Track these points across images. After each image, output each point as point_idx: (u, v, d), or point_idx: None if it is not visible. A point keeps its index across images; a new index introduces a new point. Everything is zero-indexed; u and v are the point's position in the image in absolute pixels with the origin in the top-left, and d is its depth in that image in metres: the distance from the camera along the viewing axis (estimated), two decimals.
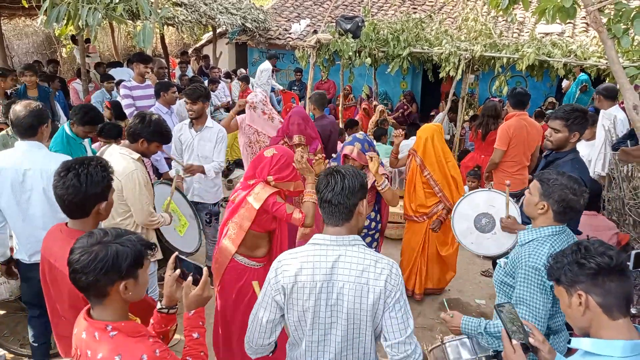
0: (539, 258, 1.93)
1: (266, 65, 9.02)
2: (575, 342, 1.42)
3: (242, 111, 4.55)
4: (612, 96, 4.64)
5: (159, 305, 1.72)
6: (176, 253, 1.72)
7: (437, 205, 3.99)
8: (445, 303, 2.44)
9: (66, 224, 1.96)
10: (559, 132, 2.89)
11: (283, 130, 3.92)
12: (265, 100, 4.44)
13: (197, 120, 4.02)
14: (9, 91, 5.72)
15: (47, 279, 1.96)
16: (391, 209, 5.44)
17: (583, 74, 7.28)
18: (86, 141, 3.90)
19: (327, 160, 3.21)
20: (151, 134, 2.97)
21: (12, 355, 3.32)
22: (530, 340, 1.58)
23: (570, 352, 1.62)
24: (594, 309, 1.37)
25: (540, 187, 2.04)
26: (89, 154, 3.88)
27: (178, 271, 1.66)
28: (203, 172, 3.99)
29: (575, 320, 1.44)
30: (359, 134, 3.43)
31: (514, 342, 1.54)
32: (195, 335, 1.68)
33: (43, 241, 2.00)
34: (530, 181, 3.39)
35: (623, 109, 4.34)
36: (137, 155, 2.97)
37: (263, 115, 4.36)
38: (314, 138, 3.93)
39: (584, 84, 7.58)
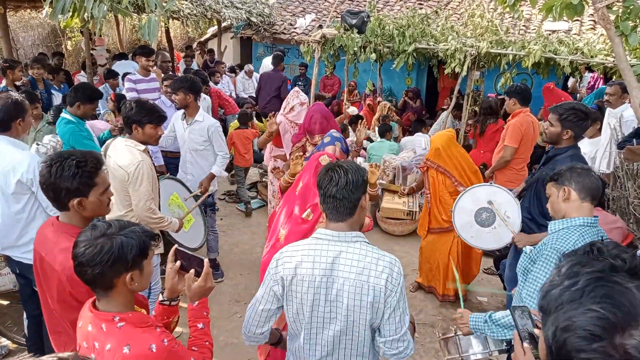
0: (565, 243, 1.94)
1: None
2: None
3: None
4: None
5: (161, 298, 1.73)
6: (175, 246, 1.73)
7: None
8: (461, 298, 2.43)
9: (57, 217, 1.96)
10: (552, 126, 2.95)
11: (304, 127, 3.91)
12: (306, 97, 4.48)
13: (187, 111, 3.98)
14: (18, 83, 5.73)
15: (39, 272, 1.96)
16: (393, 205, 5.46)
17: (604, 86, 7.03)
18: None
19: (304, 156, 3.24)
20: (139, 115, 2.94)
21: (15, 345, 3.34)
22: (536, 331, 1.59)
23: None
24: None
25: (553, 182, 2.12)
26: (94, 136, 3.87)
27: (178, 263, 1.68)
28: (213, 177, 4.03)
29: None
30: (335, 132, 3.42)
31: (525, 345, 1.54)
32: (200, 325, 1.70)
33: (36, 234, 2.01)
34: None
35: None
36: (142, 147, 2.97)
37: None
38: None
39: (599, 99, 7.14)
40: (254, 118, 7.13)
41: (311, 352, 1.79)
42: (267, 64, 9.18)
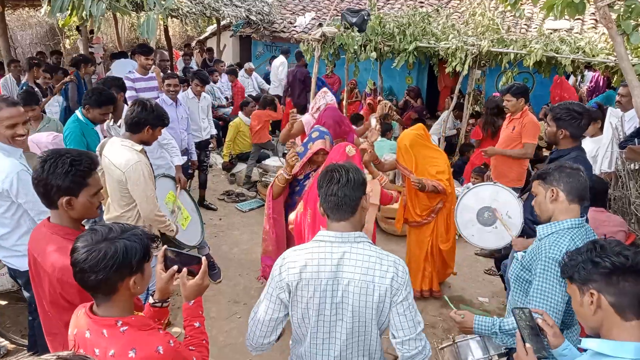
0: (559, 250, 1.91)
1: (281, 59, 9.13)
2: (586, 343, 1.39)
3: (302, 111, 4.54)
4: None
5: (151, 300, 1.69)
6: (165, 247, 1.68)
7: (440, 201, 3.96)
8: (447, 299, 2.40)
9: (49, 219, 1.94)
10: (549, 126, 2.97)
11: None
12: (334, 99, 4.49)
13: (115, 114, 3.95)
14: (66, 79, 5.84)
15: (34, 274, 1.94)
16: (393, 205, 5.42)
17: (610, 90, 6.95)
18: (98, 128, 3.85)
19: (296, 156, 3.22)
20: (156, 119, 2.94)
21: (13, 346, 3.32)
22: (539, 321, 1.58)
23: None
24: (606, 308, 1.35)
25: (540, 181, 2.09)
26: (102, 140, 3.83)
27: (176, 267, 1.64)
28: (181, 168, 4.12)
29: (586, 320, 1.42)
30: (321, 127, 3.43)
31: (527, 345, 1.53)
32: (196, 324, 1.69)
33: (30, 236, 1.98)
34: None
35: None
36: (139, 147, 2.94)
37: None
38: (349, 132, 3.95)
39: (606, 106, 7.17)
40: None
41: (318, 357, 1.76)
42: (277, 64, 9.27)
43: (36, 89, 5.89)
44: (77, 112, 3.63)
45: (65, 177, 1.81)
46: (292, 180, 3.28)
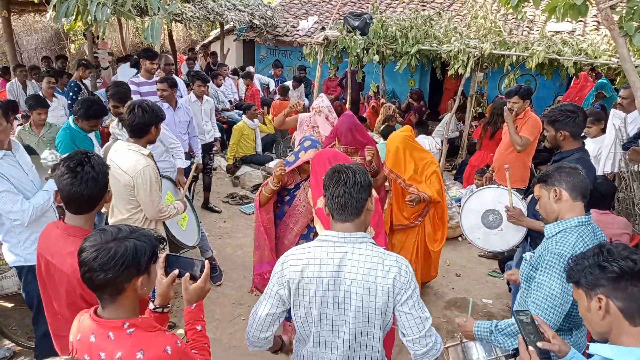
0: (565, 246, 1.92)
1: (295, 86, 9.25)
2: (594, 348, 1.38)
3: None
4: None
5: (152, 306, 1.69)
6: (166, 252, 1.69)
7: (428, 205, 3.87)
8: (471, 303, 2.38)
9: (62, 220, 1.94)
10: (547, 132, 2.96)
11: (334, 135, 3.90)
12: (330, 107, 4.46)
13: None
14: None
15: (44, 276, 1.94)
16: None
17: (602, 79, 6.98)
18: (93, 134, 3.87)
19: (285, 167, 3.13)
20: (156, 117, 2.95)
21: (19, 348, 3.35)
22: (539, 344, 1.57)
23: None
24: (615, 314, 1.33)
25: (542, 184, 2.10)
26: (96, 147, 3.84)
27: (176, 272, 1.63)
28: (182, 171, 4.15)
29: (593, 325, 1.41)
30: (313, 137, 3.41)
31: (530, 348, 1.52)
32: (198, 327, 1.69)
33: (39, 238, 1.98)
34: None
35: None
36: (147, 151, 2.95)
37: (327, 120, 4.37)
38: (365, 144, 3.86)
39: (599, 91, 6.97)
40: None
41: (323, 356, 1.77)
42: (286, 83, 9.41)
43: (82, 87, 6.35)
44: (70, 120, 3.66)
45: (108, 173, 1.94)
46: (282, 189, 3.22)
